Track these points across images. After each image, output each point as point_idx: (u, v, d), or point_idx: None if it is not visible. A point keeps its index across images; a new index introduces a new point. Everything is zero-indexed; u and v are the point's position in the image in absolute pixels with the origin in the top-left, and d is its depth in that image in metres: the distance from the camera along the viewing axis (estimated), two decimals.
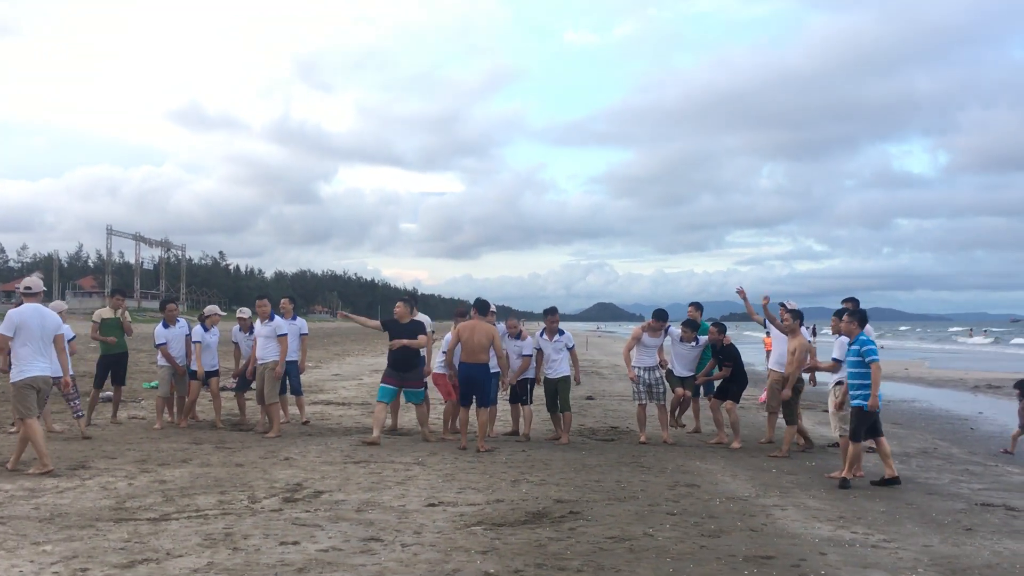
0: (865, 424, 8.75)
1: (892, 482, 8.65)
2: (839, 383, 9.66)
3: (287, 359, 11.96)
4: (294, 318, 12.78)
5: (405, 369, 11.12)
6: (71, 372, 10.87)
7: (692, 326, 11.69)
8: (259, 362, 11.70)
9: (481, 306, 10.90)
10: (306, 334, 12.98)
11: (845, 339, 9.24)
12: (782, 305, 11.45)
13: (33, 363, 8.59)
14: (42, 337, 8.65)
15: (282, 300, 12.88)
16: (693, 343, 11.63)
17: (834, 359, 9.71)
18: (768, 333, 12.15)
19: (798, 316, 10.75)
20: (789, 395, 10.67)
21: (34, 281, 8.98)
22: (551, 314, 11.54)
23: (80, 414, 11.07)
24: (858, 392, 8.76)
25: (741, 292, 11.85)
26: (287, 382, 12.39)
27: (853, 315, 9.11)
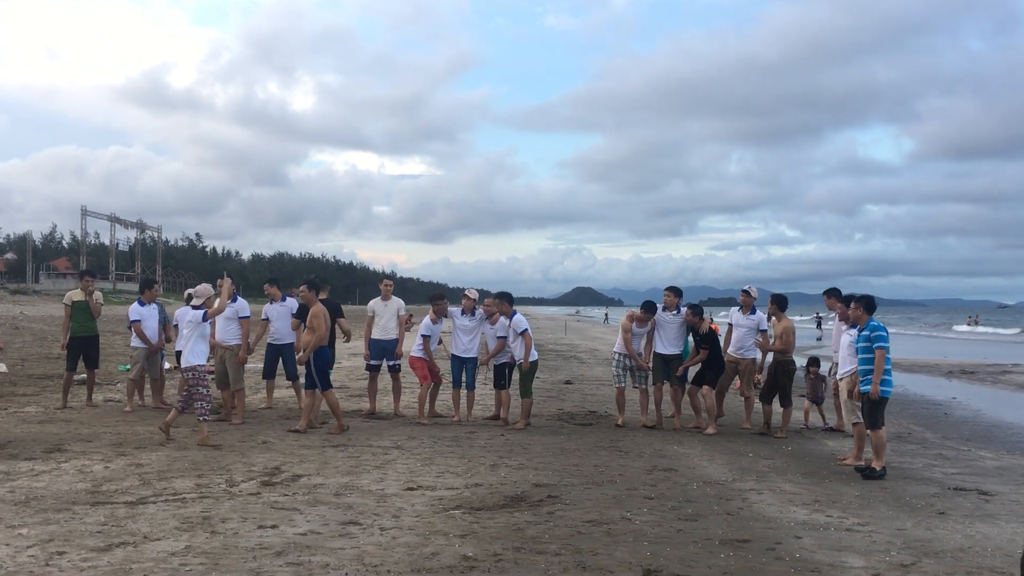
0: (880, 410, 8.55)
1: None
2: (849, 371, 9.32)
3: (284, 342, 12.04)
4: (284, 299, 12.42)
5: None
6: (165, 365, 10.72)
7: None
8: (221, 343, 11.16)
9: (312, 286, 10.70)
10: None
11: (853, 330, 9.12)
12: (744, 292, 11.68)
13: None
14: None
15: (265, 284, 12.59)
16: (675, 311, 11.64)
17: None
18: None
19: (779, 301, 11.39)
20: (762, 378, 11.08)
21: None
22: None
23: (204, 417, 9.63)
24: (868, 379, 8.59)
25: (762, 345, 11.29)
26: (284, 366, 12.34)
27: (860, 301, 8.93)
